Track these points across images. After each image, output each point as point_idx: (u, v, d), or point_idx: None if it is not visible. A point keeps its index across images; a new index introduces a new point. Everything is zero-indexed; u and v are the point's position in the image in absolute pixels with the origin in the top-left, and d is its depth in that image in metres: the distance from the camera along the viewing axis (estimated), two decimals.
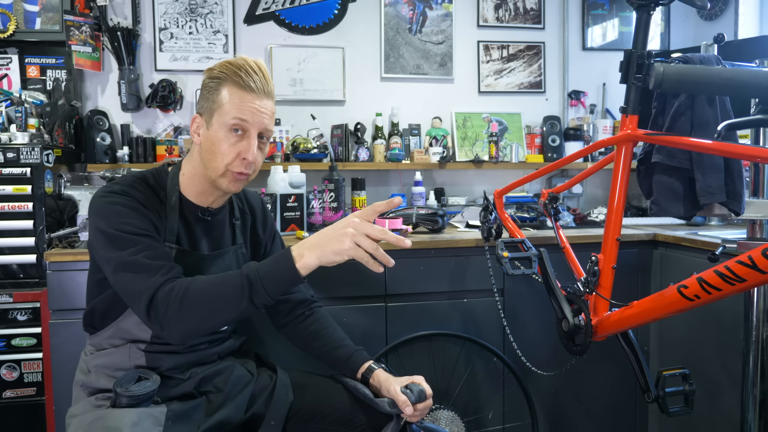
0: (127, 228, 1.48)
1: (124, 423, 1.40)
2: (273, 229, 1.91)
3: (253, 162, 1.56)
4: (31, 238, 2.38)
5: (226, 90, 1.53)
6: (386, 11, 3.35)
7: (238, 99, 1.52)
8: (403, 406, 1.59)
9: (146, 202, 1.55)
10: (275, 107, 1.63)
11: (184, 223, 1.64)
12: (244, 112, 1.52)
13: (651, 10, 1.67)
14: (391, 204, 1.39)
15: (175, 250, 1.58)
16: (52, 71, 2.98)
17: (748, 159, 1.71)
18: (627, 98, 1.70)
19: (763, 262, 1.22)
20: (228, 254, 1.71)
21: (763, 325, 1.83)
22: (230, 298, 1.39)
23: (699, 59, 1.65)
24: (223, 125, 1.53)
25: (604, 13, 3.57)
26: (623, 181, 1.71)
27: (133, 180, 1.59)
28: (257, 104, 1.53)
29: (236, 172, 1.56)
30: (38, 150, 2.39)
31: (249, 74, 1.52)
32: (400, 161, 3.20)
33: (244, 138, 1.54)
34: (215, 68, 1.56)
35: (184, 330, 1.43)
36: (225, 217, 1.74)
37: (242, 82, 1.52)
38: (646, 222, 3.03)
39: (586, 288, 1.77)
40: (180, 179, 1.64)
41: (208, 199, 1.66)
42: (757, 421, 1.87)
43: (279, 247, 1.90)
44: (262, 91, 1.54)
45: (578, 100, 3.52)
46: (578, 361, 2.48)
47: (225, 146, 1.54)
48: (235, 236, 1.76)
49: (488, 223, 2.41)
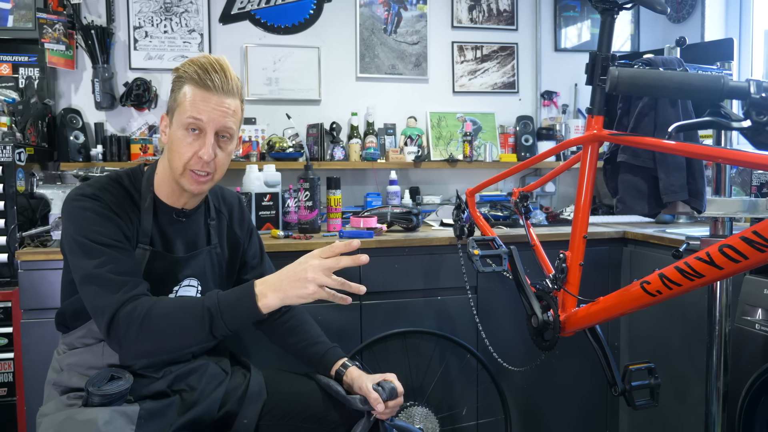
0: (95, 237, 1.48)
1: (97, 421, 1.40)
2: (250, 226, 1.90)
3: (210, 161, 1.53)
4: (3, 237, 2.35)
5: (186, 89, 1.52)
6: (361, 12, 3.36)
7: (195, 98, 1.51)
8: (375, 403, 1.61)
9: (118, 207, 1.54)
10: (243, 105, 1.62)
11: (158, 224, 1.63)
12: (199, 111, 1.50)
13: (615, 14, 1.72)
14: (350, 246, 1.43)
15: (149, 253, 1.58)
16: (25, 69, 2.96)
17: (708, 159, 1.76)
18: (593, 99, 1.74)
19: (720, 258, 1.26)
20: (202, 255, 1.70)
21: (725, 319, 1.88)
22: (190, 326, 1.41)
23: (661, 62, 1.70)
24: (180, 124, 1.52)
25: (576, 15, 3.62)
26: (589, 179, 1.75)
27: (107, 182, 1.59)
28: (214, 103, 1.51)
29: (195, 172, 1.54)
30: (10, 148, 2.36)
31: (207, 72, 1.51)
32: (375, 160, 3.22)
33: (200, 137, 1.53)
34: (180, 67, 1.56)
35: (142, 351, 1.47)
36: (200, 217, 1.73)
37: (200, 81, 1.50)
38: (617, 220, 3.09)
39: (555, 285, 1.80)
40: (155, 180, 1.64)
41: (180, 199, 1.65)
42: (721, 414, 1.92)
43: (255, 245, 1.90)
44: (221, 89, 1.52)
45: (551, 100, 3.57)
46: (550, 357, 2.52)
47: (183, 145, 1.53)
48: (210, 236, 1.75)
49: (461, 221, 2.44)
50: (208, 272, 1.71)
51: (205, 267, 1.71)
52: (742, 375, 1.90)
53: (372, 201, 3.20)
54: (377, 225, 2.66)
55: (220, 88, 1.52)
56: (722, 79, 1.31)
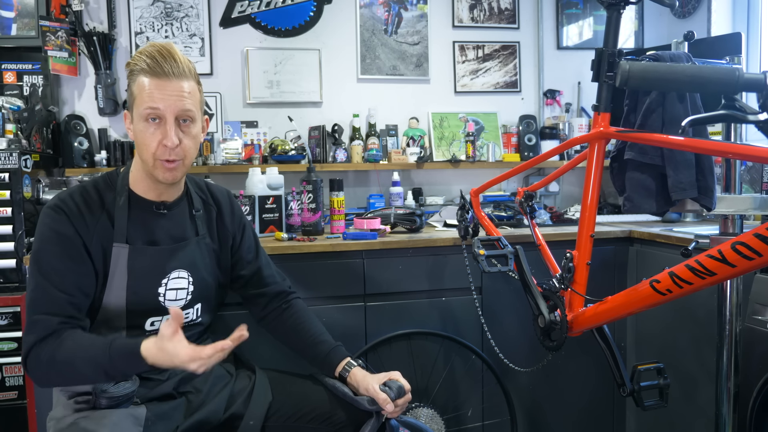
0: (41, 256, 1.53)
1: (104, 424, 1.42)
2: (242, 222, 1.89)
3: (175, 147, 1.53)
4: (11, 242, 2.38)
5: (139, 80, 1.52)
6: (362, 13, 3.35)
7: (150, 87, 1.50)
8: (384, 404, 1.62)
9: (80, 217, 1.56)
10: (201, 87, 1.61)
11: (140, 220, 1.63)
12: (155, 99, 1.50)
13: (621, 9, 1.69)
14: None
15: (127, 249, 1.59)
16: (29, 77, 2.99)
17: (718, 155, 1.73)
18: (599, 96, 1.71)
19: (733, 255, 1.24)
20: (189, 246, 1.70)
21: (735, 319, 1.86)
22: (90, 375, 1.46)
23: (669, 57, 1.67)
24: (140, 116, 1.52)
25: (578, 12, 3.61)
26: (596, 178, 1.73)
27: (75, 190, 1.61)
28: (169, 89, 1.51)
29: (163, 161, 1.54)
30: (16, 155, 2.39)
31: (155, 59, 1.50)
32: (377, 162, 3.20)
33: (161, 125, 1.52)
34: (130, 61, 1.56)
35: (52, 387, 1.58)
36: (183, 209, 1.73)
37: (150, 70, 1.50)
38: (622, 219, 3.06)
39: (562, 284, 1.78)
40: (130, 177, 1.65)
41: (157, 192, 1.65)
42: (732, 415, 1.89)
43: (249, 239, 1.90)
44: (172, 73, 1.51)
45: (554, 99, 3.55)
46: (556, 357, 2.49)
47: (146, 136, 1.53)
48: (197, 227, 1.75)
49: (465, 221, 2.43)
50: (198, 263, 1.71)
51: (194, 258, 1.71)
52: (753, 376, 1.88)
53: (375, 202, 3.19)
54: (381, 226, 2.65)
55: (171, 72, 1.51)
56: (737, 72, 1.29)
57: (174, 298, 1.66)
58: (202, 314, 1.75)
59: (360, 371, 1.72)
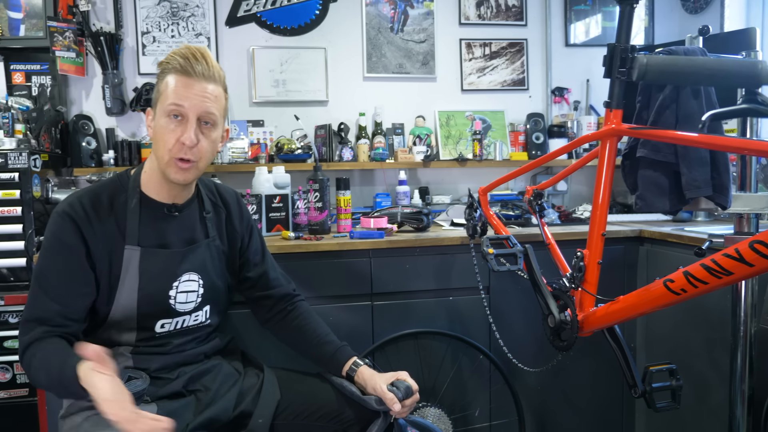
0: (41, 264, 1.57)
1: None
2: (250, 224, 1.90)
3: (192, 146, 1.53)
4: (21, 241, 2.40)
5: (168, 78, 1.54)
6: (367, 11, 3.33)
7: (177, 85, 1.52)
8: (391, 404, 1.62)
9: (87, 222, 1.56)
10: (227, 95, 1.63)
11: (151, 222, 1.63)
12: (181, 97, 1.51)
13: (634, 3, 1.66)
14: None
15: (139, 252, 1.59)
16: (37, 77, 3.02)
17: (734, 151, 1.71)
18: (611, 92, 1.69)
19: (750, 254, 1.22)
20: (200, 248, 1.71)
21: (750, 320, 1.83)
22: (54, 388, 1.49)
23: (684, 51, 1.64)
24: (163, 113, 1.53)
25: (587, 9, 3.57)
26: (608, 176, 1.70)
27: (89, 192, 1.62)
28: (196, 88, 1.52)
29: (178, 159, 1.54)
30: (25, 155, 2.41)
31: (188, 59, 1.52)
32: (384, 161, 3.18)
33: (183, 123, 1.53)
34: (163, 60, 1.57)
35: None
36: (194, 211, 1.73)
37: (181, 69, 1.52)
38: (632, 218, 3.03)
39: (572, 284, 1.76)
40: (142, 179, 1.65)
41: (169, 194, 1.65)
42: (746, 417, 1.87)
43: (257, 241, 1.90)
44: (202, 75, 1.53)
45: (562, 96, 3.52)
46: (564, 358, 2.47)
47: (166, 132, 1.53)
48: (207, 229, 1.75)
49: (473, 220, 2.40)
50: (208, 265, 1.72)
51: (205, 260, 1.71)
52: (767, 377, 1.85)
53: (381, 201, 3.17)
54: (387, 225, 2.63)
55: (201, 74, 1.53)
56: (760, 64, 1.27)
57: (184, 300, 1.66)
58: (211, 316, 1.75)
59: (367, 370, 1.72)
